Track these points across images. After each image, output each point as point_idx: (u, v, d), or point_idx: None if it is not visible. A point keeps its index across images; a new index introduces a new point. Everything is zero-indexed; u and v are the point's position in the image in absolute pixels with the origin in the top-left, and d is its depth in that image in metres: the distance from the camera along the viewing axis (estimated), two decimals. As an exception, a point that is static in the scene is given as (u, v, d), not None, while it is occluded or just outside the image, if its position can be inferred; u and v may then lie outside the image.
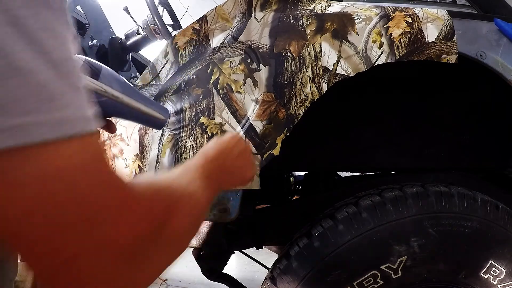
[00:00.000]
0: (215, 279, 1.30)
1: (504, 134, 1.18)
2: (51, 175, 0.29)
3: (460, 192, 0.94)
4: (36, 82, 0.29)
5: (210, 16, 0.99)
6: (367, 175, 1.37)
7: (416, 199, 0.92)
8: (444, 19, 0.91)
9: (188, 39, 0.99)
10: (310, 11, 0.93)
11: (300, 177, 1.63)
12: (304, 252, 0.94)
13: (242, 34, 0.94)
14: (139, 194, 0.37)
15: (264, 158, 0.89)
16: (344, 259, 0.90)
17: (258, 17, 0.95)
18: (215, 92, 0.93)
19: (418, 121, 1.19)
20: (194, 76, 0.96)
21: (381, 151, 1.22)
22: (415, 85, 1.15)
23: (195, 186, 0.51)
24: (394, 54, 0.89)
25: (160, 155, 0.97)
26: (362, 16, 0.91)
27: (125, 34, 1.96)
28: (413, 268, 0.90)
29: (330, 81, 0.90)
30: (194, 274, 2.15)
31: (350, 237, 0.90)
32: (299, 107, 0.89)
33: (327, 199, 1.16)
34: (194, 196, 0.49)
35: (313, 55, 0.90)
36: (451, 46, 0.90)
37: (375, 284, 0.90)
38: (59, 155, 0.30)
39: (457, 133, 1.21)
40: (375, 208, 0.92)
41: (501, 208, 0.95)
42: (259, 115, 0.90)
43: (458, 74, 1.08)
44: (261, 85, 0.91)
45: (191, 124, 0.95)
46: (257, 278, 2.22)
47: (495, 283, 0.94)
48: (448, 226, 0.91)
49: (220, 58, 0.94)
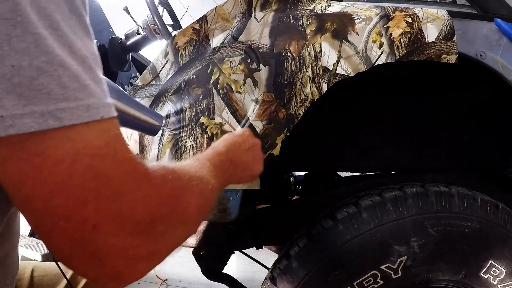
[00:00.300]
0: (215, 279, 1.30)
1: (504, 134, 1.18)
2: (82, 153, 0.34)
3: (460, 192, 0.94)
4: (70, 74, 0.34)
5: (210, 16, 0.99)
6: (367, 175, 1.37)
7: (416, 199, 0.92)
8: (444, 19, 0.91)
9: (188, 39, 0.99)
10: (310, 11, 0.93)
11: (300, 177, 1.63)
12: (304, 252, 0.94)
13: (242, 34, 0.94)
14: (153, 173, 0.41)
15: (264, 158, 0.89)
16: (344, 259, 0.90)
17: (258, 17, 0.95)
18: (215, 92, 0.93)
19: (418, 121, 1.19)
20: (194, 76, 0.96)
21: (381, 151, 1.22)
22: (415, 85, 1.15)
23: (204, 172, 0.54)
24: (394, 54, 0.89)
25: (160, 155, 0.97)
26: (362, 16, 0.91)
27: (125, 34, 1.96)
28: (413, 268, 0.90)
29: (330, 81, 0.90)
30: (194, 274, 2.16)
31: (350, 237, 0.90)
32: (299, 107, 0.89)
33: (327, 199, 1.16)
34: (203, 180, 0.51)
35: (313, 55, 0.90)
36: (451, 46, 0.90)
37: (375, 284, 0.90)
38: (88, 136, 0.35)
39: (457, 133, 1.21)
40: (375, 208, 0.92)
41: (501, 208, 0.95)
42: (259, 115, 0.90)
43: (458, 74, 1.08)
44: (261, 85, 0.91)
45: (191, 124, 0.95)
46: (257, 278, 2.22)
47: (495, 283, 0.94)
48: (448, 226, 0.91)
49: (220, 58, 0.94)
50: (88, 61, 0.37)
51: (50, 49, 0.33)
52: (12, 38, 0.31)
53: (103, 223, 0.34)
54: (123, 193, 0.36)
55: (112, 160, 0.36)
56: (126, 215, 0.36)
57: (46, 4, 0.34)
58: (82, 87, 0.35)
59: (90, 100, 0.35)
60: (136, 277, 0.38)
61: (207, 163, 0.59)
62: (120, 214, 0.35)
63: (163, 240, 0.40)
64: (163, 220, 0.40)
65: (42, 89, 0.32)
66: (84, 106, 0.35)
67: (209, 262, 1.28)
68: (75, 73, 0.34)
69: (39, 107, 0.32)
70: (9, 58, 0.31)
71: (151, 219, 0.38)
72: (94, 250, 0.35)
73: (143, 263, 0.38)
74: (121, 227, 0.35)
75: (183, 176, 0.47)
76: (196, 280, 2.25)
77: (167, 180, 0.42)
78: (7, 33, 0.31)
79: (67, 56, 0.34)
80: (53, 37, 0.34)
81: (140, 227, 0.37)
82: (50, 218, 0.33)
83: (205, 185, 0.51)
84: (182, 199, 0.44)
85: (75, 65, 0.35)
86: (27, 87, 0.32)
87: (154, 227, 0.38)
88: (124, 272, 0.37)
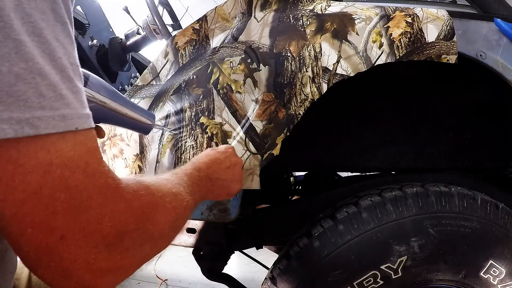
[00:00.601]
0: (215, 279, 1.30)
1: (504, 134, 1.18)
2: (54, 163, 0.34)
3: (460, 192, 0.94)
4: (48, 83, 0.34)
5: (210, 16, 0.99)
6: (367, 175, 1.37)
7: (416, 199, 0.92)
8: (444, 19, 0.91)
9: (188, 39, 0.99)
10: (310, 11, 0.93)
11: (300, 177, 1.63)
12: (304, 252, 0.94)
13: (242, 34, 0.94)
14: (125, 188, 0.41)
15: (264, 158, 0.89)
16: (344, 259, 0.90)
17: (258, 17, 0.95)
18: (215, 92, 0.93)
19: (418, 121, 1.19)
20: (194, 76, 0.96)
21: (381, 151, 1.22)
22: (415, 85, 1.15)
23: (179, 189, 0.54)
24: (394, 54, 0.89)
25: (160, 155, 0.97)
26: (362, 16, 0.91)
27: (125, 34, 1.96)
28: (413, 268, 0.90)
29: (330, 81, 0.90)
30: (194, 274, 2.16)
31: (350, 237, 0.90)
32: (299, 107, 0.89)
33: (327, 199, 1.16)
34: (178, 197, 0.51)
35: (313, 55, 0.90)
36: (451, 46, 0.90)
37: (375, 284, 0.90)
38: (62, 147, 0.35)
39: (457, 133, 1.21)
40: (375, 208, 0.91)
41: (501, 208, 0.95)
42: (259, 115, 0.90)
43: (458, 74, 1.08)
44: (261, 85, 0.91)
45: (191, 124, 0.95)
46: (257, 278, 2.22)
47: (495, 283, 0.94)
48: (448, 226, 0.91)
49: (220, 58, 0.94)
50: (67, 71, 0.37)
51: (30, 56, 0.33)
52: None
53: (71, 234, 0.35)
54: (91, 206, 0.36)
55: (83, 173, 0.36)
56: (93, 227, 0.36)
57: (30, 10, 0.34)
58: (59, 96, 0.35)
59: (66, 111, 0.35)
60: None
61: (184, 178, 0.59)
62: (87, 227, 0.36)
63: (130, 254, 0.40)
64: (131, 235, 0.40)
65: (20, 95, 0.32)
66: (59, 116, 0.35)
67: (209, 262, 1.27)
68: (52, 82, 0.34)
69: (16, 113, 0.32)
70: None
71: (119, 233, 0.38)
72: (60, 260, 0.35)
73: (109, 276, 0.38)
74: (88, 239, 0.36)
75: (157, 192, 0.47)
76: (196, 280, 2.25)
77: (138, 195, 0.42)
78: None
79: (47, 64, 0.34)
80: (34, 44, 0.34)
81: (107, 240, 0.37)
82: (18, 224, 0.33)
83: (179, 202, 0.51)
84: (153, 215, 0.44)
85: (54, 74, 0.35)
86: (6, 92, 0.32)
87: (121, 241, 0.39)
88: (90, 285, 0.37)
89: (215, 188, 0.72)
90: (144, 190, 0.44)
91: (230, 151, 0.82)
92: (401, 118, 1.20)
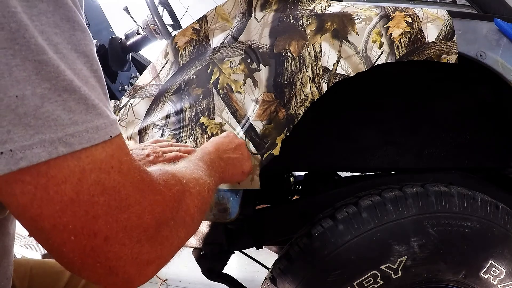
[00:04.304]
0: (215, 279, 1.30)
1: (504, 134, 1.18)
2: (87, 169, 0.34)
3: (460, 192, 0.94)
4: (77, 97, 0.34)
5: (210, 16, 0.99)
6: (367, 175, 1.37)
7: (416, 199, 0.92)
8: (444, 19, 0.91)
9: (188, 39, 0.99)
10: (310, 11, 0.93)
11: (300, 177, 1.63)
12: (304, 252, 0.94)
13: (242, 34, 0.94)
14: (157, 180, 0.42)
15: (264, 158, 0.89)
16: (344, 259, 0.90)
17: (258, 17, 0.95)
18: (215, 92, 0.93)
19: (418, 121, 1.19)
20: (194, 76, 0.96)
21: (381, 151, 1.22)
22: (415, 85, 1.15)
23: (199, 172, 0.56)
24: (394, 54, 0.89)
25: (160, 155, 0.97)
26: (362, 16, 0.91)
27: (125, 34, 1.96)
28: (413, 268, 0.90)
29: (330, 81, 0.90)
30: (194, 274, 2.15)
31: (350, 237, 0.90)
32: (299, 107, 0.89)
33: (327, 199, 1.16)
34: (199, 181, 0.53)
35: (313, 55, 0.90)
36: (451, 46, 0.90)
37: (375, 284, 0.90)
38: (91, 152, 0.34)
39: (457, 133, 1.21)
40: (375, 208, 0.92)
41: (501, 208, 0.95)
42: (259, 115, 0.90)
43: (458, 74, 1.08)
44: (261, 85, 0.91)
45: (191, 124, 0.95)
46: (257, 278, 2.22)
47: (495, 283, 0.94)
48: (448, 226, 0.91)
49: (220, 58, 0.94)
50: (91, 80, 0.36)
51: (52, 75, 0.32)
52: (12, 68, 0.31)
53: (114, 234, 0.35)
54: (131, 204, 0.37)
55: (119, 172, 0.36)
56: (134, 224, 0.37)
57: (43, 27, 0.33)
58: (91, 108, 0.34)
59: (99, 121, 0.35)
60: (145, 280, 0.40)
61: (199, 164, 0.60)
62: (129, 224, 0.36)
63: (169, 243, 0.42)
64: (168, 224, 0.41)
65: (49, 116, 0.32)
66: (93, 128, 0.34)
67: (209, 262, 1.27)
68: (82, 95, 0.34)
69: (47, 135, 0.32)
70: (12, 88, 0.30)
71: (157, 225, 0.39)
72: (106, 260, 0.35)
73: (152, 266, 0.40)
74: (131, 236, 0.36)
75: (182, 179, 0.48)
76: (196, 280, 2.26)
77: (170, 185, 0.44)
78: (7, 63, 0.30)
79: (72, 79, 0.34)
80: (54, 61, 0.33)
81: (148, 233, 0.38)
82: (60, 234, 0.33)
83: (202, 186, 0.53)
84: (184, 202, 0.45)
85: (82, 87, 0.34)
86: (33, 116, 0.31)
87: (160, 232, 0.40)
88: (135, 277, 0.38)
89: (229, 168, 0.74)
90: (173, 179, 0.45)
91: (232, 135, 0.85)
92: (401, 118, 1.20)
